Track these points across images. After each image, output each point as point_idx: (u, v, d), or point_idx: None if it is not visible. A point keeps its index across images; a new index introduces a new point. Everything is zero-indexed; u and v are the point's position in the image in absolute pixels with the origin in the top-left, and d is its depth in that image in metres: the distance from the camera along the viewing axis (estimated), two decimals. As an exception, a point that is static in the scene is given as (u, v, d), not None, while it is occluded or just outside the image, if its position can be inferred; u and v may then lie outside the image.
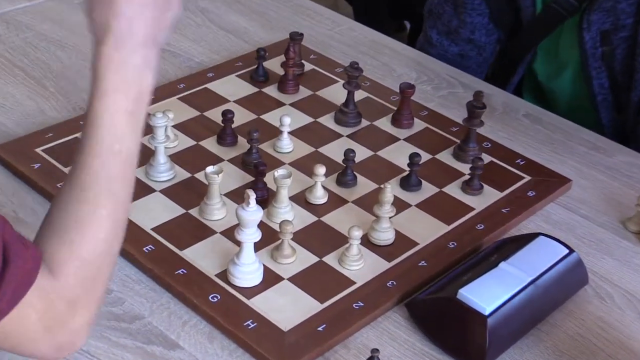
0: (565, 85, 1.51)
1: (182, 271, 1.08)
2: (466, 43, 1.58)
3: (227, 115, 1.28)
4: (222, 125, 1.30)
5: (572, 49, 1.45)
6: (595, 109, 1.46)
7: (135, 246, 1.11)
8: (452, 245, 1.15)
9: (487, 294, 1.01)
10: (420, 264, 1.11)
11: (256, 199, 1.03)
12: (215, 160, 1.27)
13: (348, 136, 1.35)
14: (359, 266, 1.10)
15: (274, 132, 1.31)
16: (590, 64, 1.42)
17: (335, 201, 1.21)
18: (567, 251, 1.10)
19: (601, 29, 1.38)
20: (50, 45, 1.56)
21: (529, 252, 1.09)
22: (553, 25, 1.45)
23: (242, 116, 1.35)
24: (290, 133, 1.31)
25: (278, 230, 1.10)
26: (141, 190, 1.20)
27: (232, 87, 1.44)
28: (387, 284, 1.08)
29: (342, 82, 1.41)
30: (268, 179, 1.21)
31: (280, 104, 1.41)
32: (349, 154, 1.22)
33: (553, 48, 1.51)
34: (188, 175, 1.24)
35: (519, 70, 1.56)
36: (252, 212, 1.03)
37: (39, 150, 1.27)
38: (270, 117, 1.37)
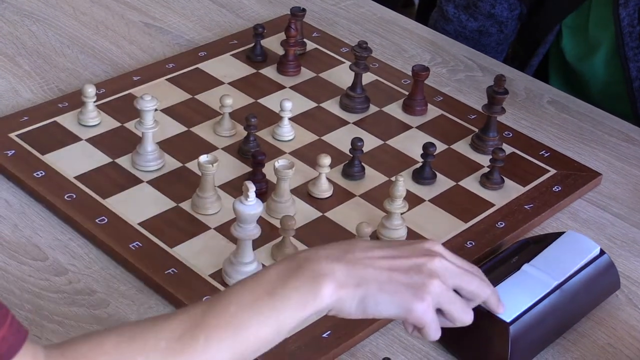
0: (597, 68, 1.51)
1: (172, 271, 1.09)
2: (486, 18, 1.58)
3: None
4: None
5: (605, 26, 1.45)
6: (631, 96, 1.47)
7: (121, 243, 1.12)
8: (470, 245, 1.16)
9: (508, 300, 1.01)
10: (435, 265, 1.12)
11: (255, 192, 1.04)
12: (209, 148, 1.28)
13: (355, 123, 1.36)
14: (368, 267, 1.11)
15: (274, 118, 1.32)
16: (627, 44, 1.42)
17: (341, 195, 1.22)
18: (597, 251, 1.11)
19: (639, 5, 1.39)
20: (25, 20, 1.56)
21: (555, 251, 1.09)
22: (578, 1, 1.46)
23: (238, 100, 1.36)
24: (291, 119, 1.31)
25: (279, 226, 1.11)
26: (127, 181, 1.22)
27: (227, 68, 1.45)
28: (399, 287, 1.09)
29: (348, 63, 1.42)
30: (267, 169, 1.21)
31: (280, 87, 1.42)
32: (356, 142, 1.23)
33: (583, 25, 1.51)
34: (179, 164, 1.25)
35: (540, 50, 1.56)
36: (252, 206, 1.03)
37: (12, 135, 1.28)
38: (269, 102, 1.38)
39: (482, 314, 1.00)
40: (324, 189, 1.21)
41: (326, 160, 1.19)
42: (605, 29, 1.46)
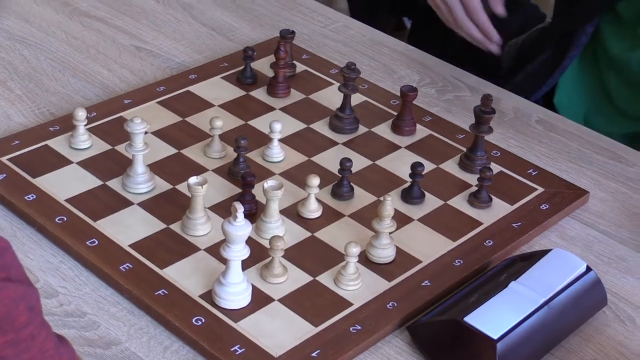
0: (637, 60, 1.50)
1: (162, 292, 1.09)
2: None
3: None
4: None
5: None
6: None
7: (112, 265, 1.13)
8: (458, 263, 1.16)
9: (496, 317, 1.02)
10: (423, 284, 1.13)
11: (244, 213, 1.05)
12: (199, 170, 1.28)
13: (344, 144, 1.37)
14: (357, 286, 1.12)
15: (263, 140, 1.33)
16: None
17: (330, 215, 1.23)
18: (584, 268, 1.11)
19: None
20: (16, 44, 1.57)
21: (542, 268, 1.10)
22: None
23: (228, 122, 1.37)
24: (280, 140, 1.32)
25: (268, 246, 1.11)
26: (118, 203, 1.22)
27: (217, 90, 1.46)
28: (387, 306, 1.10)
29: (337, 84, 1.43)
30: (257, 190, 1.22)
31: (269, 109, 1.43)
32: (345, 163, 1.24)
33: (630, 24, 1.50)
34: (169, 186, 1.26)
35: (581, 41, 1.54)
36: (240, 227, 1.04)
37: (4, 159, 1.28)
38: (259, 123, 1.39)
39: (470, 330, 1.01)
40: (313, 209, 1.22)
41: (315, 180, 1.20)
42: None
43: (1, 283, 0.78)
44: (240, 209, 1.03)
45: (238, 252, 1.06)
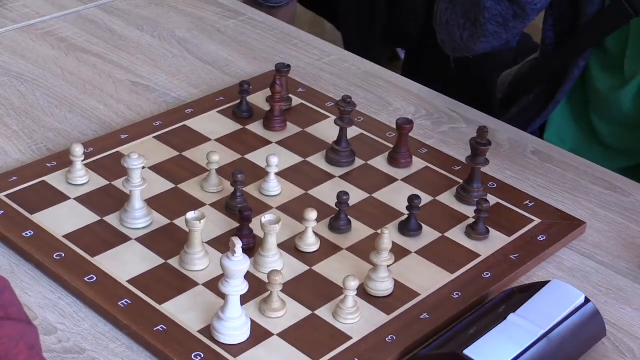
0: (626, 100, 1.50)
1: (161, 327, 1.09)
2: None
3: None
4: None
5: None
6: None
7: (110, 300, 1.12)
8: (457, 296, 1.16)
9: (495, 350, 1.02)
10: (422, 317, 1.13)
11: (242, 248, 1.05)
12: (197, 204, 1.28)
13: (341, 177, 1.37)
14: (355, 320, 1.12)
15: (260, 174, 1.33)
16: None
17: (328, 249, 1.23)
18: (582, 299, 1.11)
19: None
20: (13, 80, 1.58)
21: (540, 300, 1.10)
22: (618, 23, 1.45)
23: (224, 156, 1.37)
24: (277, 174, 1.33)
25: (266, 281, 1.11)
26: (116, 238, 1.22)
27: (213, 124, 1.46)
28: (386, 339, 1.09)
29: (333, 117, 1.43)
30: (254, 225, 1.22)
31: (266, 143, 1.43)
32: (342, 196, 1.24)
33: (617, 60, 1.51)
34: (167, 221, 1.26)
35: (574, 75, 1.54)
36: (238, 262, 1.04)
37: (1, 195, 1.28)
38: (256, 157, 1.39)
39: (469, 364, 1.01)
40: (310, 243, 1.22)
41: (312, 214, 1.20)
42: None
43: (0, 322, 0.78)
44: (238, 244, 1.03)
45: (237, 287, 1.06)
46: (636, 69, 1.47)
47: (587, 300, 1.11)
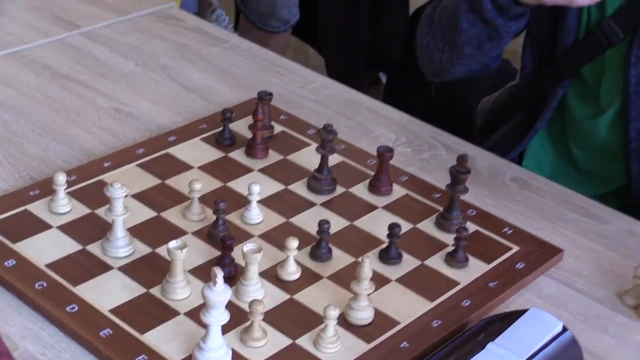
0: (602, 128, 1.50)
1: (143, 357, 1.08)
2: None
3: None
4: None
5: (615, 91, 1.46)
6: (627, 158, 1.46)
7: (91, 331, 1.12)
8: (436, 324, 1.16)
9: (474, 378, 1.03)
10: (402, 345, 1.12)
11: (224, 277, 1.04)
12: (179, 233, 1.28)
13: (322, 205, 1.37)
14: (336, 349, 1.11)
15: (242, 202, 1.33)
16: (632, 103, 1.42)
17: (309, 277, 1.23)
18: (560, 327, 1.11)
19: None
20: (-4, 108, 1.57)
21: (519, 329, 1.10)
22: (594, 53, 1.46)
23: (207, 184, 1.37)
24: (259, 202, 1.32)
25: (247, 310, 1.10)
26: (97, 267, 1.21)
27: (196, 152, 1.46)
28: (367, 368, 1.10)
29: (315, 145, 1.43)
30: (236, 253, 1.21)
31: (248, 170, 1.43)
32: (323, 225, 1.24)
33: (593, 90, 1.51)
34: (149, 250, 1.25)
35: (552, 104, 1.54)
36: (220, 293, 1.03)
37: (-17, 224, 1.28)
38: (238, 185, 1.39)
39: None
40: (291, 272, 1.22)
41: (294, 243, 1.20)
42: (615, 92, 1.46)
43: None
44: (220, 274, 1.03)
45: (218, 317, 1.05)
46: (612, 98, 1.48)
47: (564, 329, 1.12)
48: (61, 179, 1.30)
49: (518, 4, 1.38)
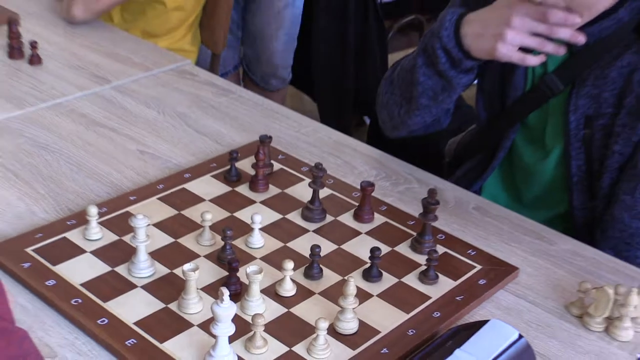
0: (548, 169, 1.49)
1: (162, 363, 1.07)
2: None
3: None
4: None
5: (558, 135, 1.44)
6: (569, 191, 1.45)
7: (119, 340, 1.10)
8: (411, 333, 1.14)
9: (444, 380, 1.01)
10: (382, 351, 1.11)
11: (230, 293, 1.03)
12: (192, 256, 1.26)
13: (314, 231, 1.35)
14: (326, 355, 1.09)
15: (246, 229, 1.31)
16: (572, 144, 1.41)
17: (303, 293, 1.21)
18: (516, 336, 1.10)
19: (585, 114, 1.38)
20: (41, 150, 1.56)
21: (481, 337, 1.08)
22: (539, 102, 1.45)
23: (216, 214, 1.35)
24: (261, 229, 1.31)
25: (251, 322, 1.09)
26: (124, 286, 1.20)
27: (207, 187, 1.44)
28: (352, 371, 1.08)
29: (308, 180, 1.42)
30: (241, 273, 1.20)
31: (251, 202, 1.41)
32: (315, 249, 1.22)
33: (539, 134, 1.50)
34: (167, 271, 1.23)
35: (499, 155, 1.53)
36: (226, 309, 1.02)
37: (29, 250, 1.26)
38: (243, 215, 1.37)
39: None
40: (288, 289, 1.20)
41: (290, 264, 1.18)
42: (558, 137, 1.45)
43: None
44: (226, 293, 1.02)
45: (225, 329, 1.04)
46: (555, 141, 1.46)
47: (520, 337, 1.10)
48: (93, 211, 1.28)
49: (469, 58, 1.36)
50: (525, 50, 1.31)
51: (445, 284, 1.24)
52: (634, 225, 1.35)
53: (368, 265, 1.25)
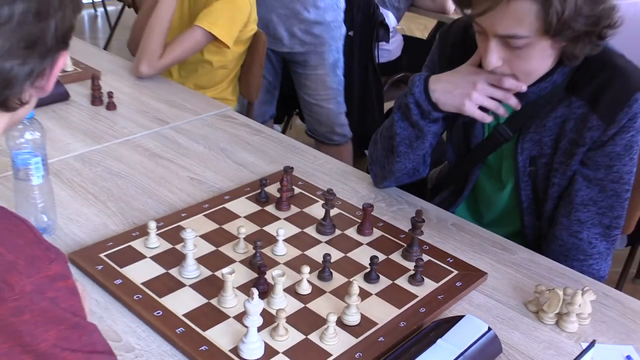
0: (504, 198, 1.46)
1: (204, 348, 1.03)
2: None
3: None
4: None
5: (510, 171, 1.42)
6: (521, 214, 1.42)
7: (171, 329, 1.07)
8: (403, 325, 1.11)
9: (428, 364, 0.97)
10: (379, 340, 1.07)
11: (258, 292, 1.00)
12: (229, 262, 1.23)
13: (326, 242, 1.31)
14: (335, 342, 1.06)
15: (273, 240, 1.28)
16: (521, 179, 1.38)
17: (317, 292, 1.17)
18: (486, 328, 1.06)
19: (530, 154, 1.35)
20: (113, 176, 1.53)
21: (459, 329, 1.05)
22: (495, 146, 1.41)
23: (249, 228, 1.32)
24: (284, 241, 1.27)
25: (275, 315, 1.06)
26: (175, 285, 1.17)
27: (243, 206, 1.41)
28: (356, 356, 1.04)
29: (321, 202, 1.39)
30: (268, 275, 1.17)
31: (277, 219, 1.38)
32: (326, 256, 1.19)
33: (496, 171, 1.47)
34: (210, 273, 1.20)
35: (468, 187, 1.50)
36: (255, 305, 0.99)
37: (102, 255, 1.23)
38: (270, 229, 1.34)
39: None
40: (305, 288, 1.17)
41: (306, 269, 1.15)
42: (511, 174, 1.42)
43: (90, 355, 0.72)
44: (255, 292, 0.99)
45: (254, 321, 1.00)
46: (508, 177, 1.44)
47: (489, 329, 1.06)
48: (152, 225, 1.25)
49: (436, 110, 1.34)
50: (483, 109, 1.31)
51: (429, 286, 1.21)
52: (570, 242, 1.32)
53: (368, 270, 1.22)
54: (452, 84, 1.31)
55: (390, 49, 3.21)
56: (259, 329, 1.03)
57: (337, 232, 1.35)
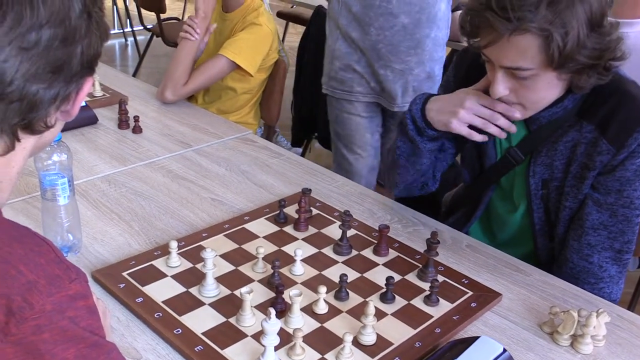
0: (517, 219, 1.43)
1: (222, 366, 1.01)
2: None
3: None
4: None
5: (523, 194, 1.39)
6: (533, 235, 1.39)
7: (190, 347, 1.04)
8: (418, 345, 1.07)
9: (444, 385, 0.93)
10: (395, 360, 1.04)
11: (276, 311, 0.97)
12: (248, 281, 1.21)
13: (343, 262, 1.29)
14: (351, 362, 1.03)
15: (291, 260, 1.25)
16: (534, 201, 1.35)
17: (334, 312, 1.14)
18: (501, 349, 1.02)
19: (542, 178, 1.33)
20: (137, 197, 1.52)
21: (473, 350, 1.01)
22: (507, 169, 1.39)
23: (268, 248, 1.30)
24: (302, 261, 1.25)
25: (292, 334, 1.03)
26: (194, 303, 1.14)
27: (262, 227, 1.39)
28: (371, 376, 1.01)
29: (338, 223, 1.36)
30: (286, 295, 1.14)
31: (295, 239, 1.35)
32: (343, 277, 1.16)
33: (509, 192, 1.44)
34: (229, 292, 1.18)
35: (481, 207, 1.47)
36: (273, 324, 0.96)
37: (124, 273, 1.21)
38: (288, 249, 1.31)
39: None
40: (322, 308, 1.14)
41: (323, 288, 1.12)
42: (523, 196, 1.39)
43: None
44: (273, 312, 0.96)
45: (272, 340, 0.98)
46: (520, 200, 1.41)
47: (504, 350, 1.02)
48: (174, 245, 1.23)
49: (431, 128, 1.32)
50: (475, 129, 1.28)
51: (444, 306, 1.17)
52: (580, 265, 1.29)
53: (384, 290, 1.18)
54: (443, 103, 1.30)
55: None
56: (276, 348, 1.00)
57: (354, 252, 1.32)
